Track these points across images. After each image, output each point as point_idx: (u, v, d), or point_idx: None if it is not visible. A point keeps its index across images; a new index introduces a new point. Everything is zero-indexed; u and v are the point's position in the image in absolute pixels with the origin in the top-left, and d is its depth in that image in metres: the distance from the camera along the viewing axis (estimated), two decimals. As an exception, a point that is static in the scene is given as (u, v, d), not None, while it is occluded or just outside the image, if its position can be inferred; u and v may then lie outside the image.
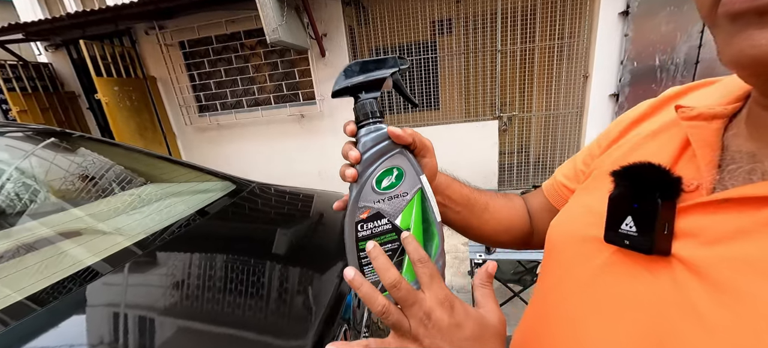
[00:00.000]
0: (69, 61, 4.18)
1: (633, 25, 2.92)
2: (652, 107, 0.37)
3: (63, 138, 1.35)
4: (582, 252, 0.32)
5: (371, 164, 0.33)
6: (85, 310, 0.68)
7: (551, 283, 0.36)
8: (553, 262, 0.37)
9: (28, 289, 0.68)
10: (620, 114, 2.16)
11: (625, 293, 0.27)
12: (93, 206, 1.17)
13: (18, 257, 0.82)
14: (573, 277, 0.33)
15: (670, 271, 0.24)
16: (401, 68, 0.36)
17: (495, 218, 0.50)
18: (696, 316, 0.22)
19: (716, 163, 0.26)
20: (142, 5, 3.00)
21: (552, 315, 0.35)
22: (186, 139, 4.26)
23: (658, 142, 0.32)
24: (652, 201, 0.26)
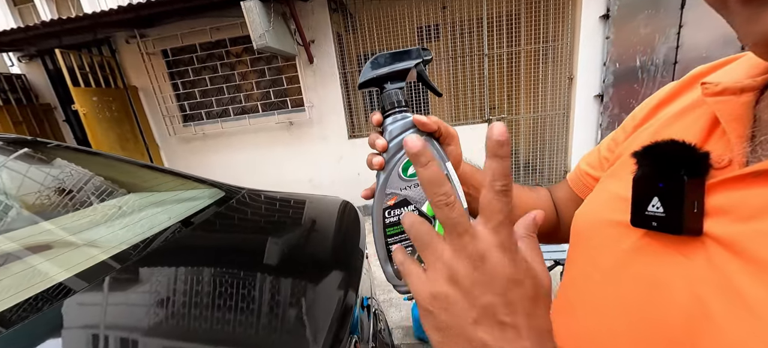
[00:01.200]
0: (44, 71, 4.02)
1: (613, 28, 3.01)
2: (679, 87, 0.36)
3: (37, 148, 1.26)
4: (608, 238, 0.31)
5: (397, 152, 0.33)
6: (55, 330, 0.61)
7: (576, 272, 0.35)
8: (579, 250, 0.35)
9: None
10: (605, 114, 2.22)
11: (656, 277, 0.26)
12: (67, 219, 1.09)
13: None
14: (599, 265, 0.31)
15: (705, 251, 0.23)
16: (425, 59, 0.36)
17: (521, 209, 0.49)
18: (736, 295, 0.20)
19: (748, 136, 0.25)
20: (122, 13, 2.91)
21: (578, 305, 0.33)
22: (170, 149, 4.13)
23: (685, 122, 0.31)
24: (677, 179, 0.25)
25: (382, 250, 0.34)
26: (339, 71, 3.51)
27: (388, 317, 2.12)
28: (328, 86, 3.56)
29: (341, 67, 3.54)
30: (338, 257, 1.00)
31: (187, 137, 3.99)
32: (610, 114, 3.24)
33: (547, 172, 3.72)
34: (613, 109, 3.22)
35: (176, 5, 2.88)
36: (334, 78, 3.53)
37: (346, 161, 3.82)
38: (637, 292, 0.27)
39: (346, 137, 3.73)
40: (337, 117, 3.66)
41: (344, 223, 1.22)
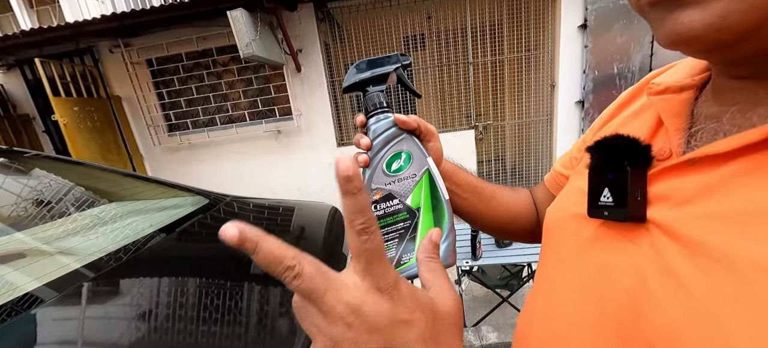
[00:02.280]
0: (23, 81, 3.91)
1: (591, 37, 3.13)
2: (636, 90, 0.39)
3: (13, 157, 1.23)
4: (570, 230, 0.33)
5: (381, 149, 0.36)
6: (20, 342, 0.58)
7: (546, 264, 0.37)
8: (548, 244, 0.37)
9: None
10: (586, 119, 2.30)
11: (608, 262, 0.28)
12: (43, 228, 1.05)
13: None
14: (563, 256, 0.33)
15: (649, 236, 0.25)
16: (403, 64, 0.39)
17: (502, 207, 0.51)
18: (672, 274, 0.22)
19: (685, 129, 0.27)
20: (106, 22, 2.88)
21: (544, 295, 0.35)
22: (154, 160, 4.05)
23: (638, 121, 0.33)
24: (622, 170, 0.27)
25: None
26: (327, 80, 3.53)
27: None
28: (316, 95, 3.58)
29: (329, 75, 3.57)
30: (328, 263, 1.00)
31: (173, 147, 3.92)
32: (591, 119, 3.34)
33: (533, 176, 3.79)
34: (594, 115, 3.32)
35: (161, 14, 2.86)
36: (322, 87, 3.54)
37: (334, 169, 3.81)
38: (592, 276, 0.29)
39: (334, 145, 3.74)
40: (326, 125, 3.67)
41: (334, 229, 1.22)
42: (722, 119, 0.25)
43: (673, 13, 0.20)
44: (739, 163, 0.21)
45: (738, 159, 0.21)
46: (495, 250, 1.92)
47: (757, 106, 0.22)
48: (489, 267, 2.10)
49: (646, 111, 0.33)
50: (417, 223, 0.35)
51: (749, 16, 0.18)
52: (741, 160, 0.21)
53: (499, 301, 1.90)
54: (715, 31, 0.19)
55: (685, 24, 0.20)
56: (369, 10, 3.38)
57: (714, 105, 0.26)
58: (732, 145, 0.21)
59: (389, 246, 0.35)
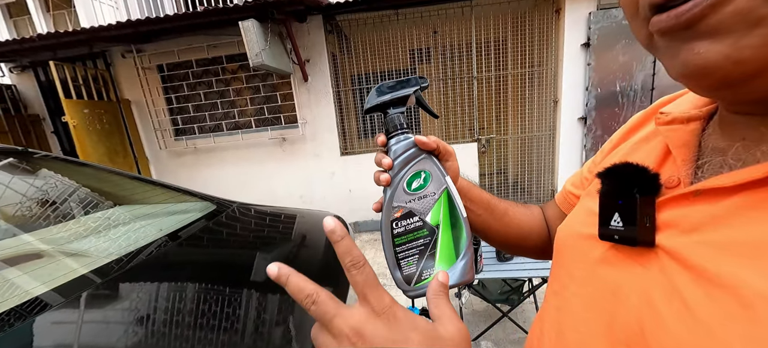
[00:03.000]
0: (35, 83, 4.00)
1: (594, 56, 3.18)
2: (645, 116, 0.40)
3: (22, 157, 1.26)
4: (581, 250, 0.34)
5: (402, 169, 0.37)
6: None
7: (556, 282, 0.38)
8: (558, 262, 0.38)
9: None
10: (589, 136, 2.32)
11: (617, 284, 0.29)
12: (49, 231, 1.07)
13: None
14: (573, 275, 0.34)
15: (658, 261, 0.26)
16: (422, 86, 0.40)
17: (515, 223, 0.52)
18: (679, 298, 0.23)
19: (693, 160, 0.28)
20: (121, 28, 2.96)
21: (555, 310, 0.36)
22: (160, 163, 4.09)
23: (647, 147, 0.35)
24: (631, 197, 0.28)
25: (391, 257, 0.37)
26: (333, 90, 3.59)
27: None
28: (321, 104, 3.63)
29: (335, 85, 3.62)
30: (328, 272, 1.01)
31: (179, 151, 3.97)
32: (594, 135, 3.36)
33: (535, 190, 3.80)
34: (596, 131, 3.35)
35: (175, 23, 2.94)
36: (327, 96, 3.60)
37: (337, 178, 3.84)
38: (602, 295, 0.30)
39: (338, 154, 3.77)
40: (330, 134, 3.71)
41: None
42: (728, 153, 0.26)
43: (688, 43, 0.20)
44: (743, 196, 0.22)
45: (742, 193, 0.22)
46: (496, 264, 1.91)
47: (762, 143, 0.24)
48: (490, 281, 2.10)
49: (655, 138, 0.34)
50: (436, 239, 0.37)
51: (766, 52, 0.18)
52: (745, 194, 0.22)
53: (499, 315, 1.89)
54: (733, 63, 0.19)
55: (702, 55, 0.20)
56: (376, 23, 3.45)
57: (720, 138, 0.27)
58: (736, 180, 0.22)
59: (409, 261, 0.36)
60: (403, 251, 0.36)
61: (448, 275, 0.34)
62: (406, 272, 0.36)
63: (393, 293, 0.33)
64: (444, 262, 0.36)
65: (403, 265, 0.37)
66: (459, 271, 0.36)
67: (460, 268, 0.36)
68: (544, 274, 1.80)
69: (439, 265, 0.36)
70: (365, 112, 0.41)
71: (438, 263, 0.36)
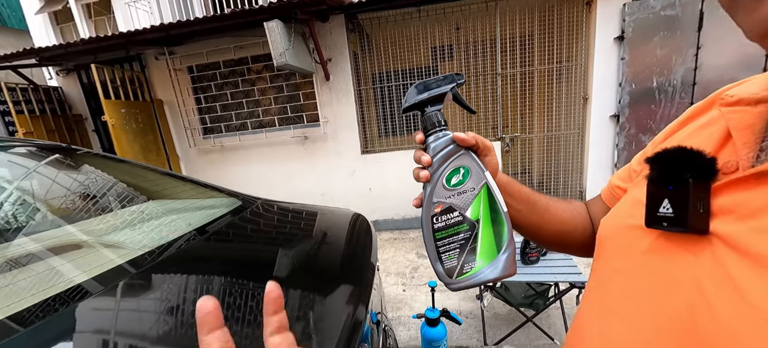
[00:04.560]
0: (78, 84, 4.29)
1: (628, 50, 3.01)
2: (706, 104, 0.38)
3: (67, 154, 1.34)
4: (626, 241, 0.33)
5: (441, 165, 0.38)
6: (68, 332, 0.63)
7: (600, 276, 0.37)
8: (601, 257, 0.37)
9: (10, 308, 0.63)
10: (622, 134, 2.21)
11: (667, 274, 0.27)
12: (89, 223, 1.13)
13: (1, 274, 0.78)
14: (619, 267, 0.33)
15: (711, 248, 0.25)
16: (459, 83, 0.41)
17: (557, 219, 0.50)
18: (733, 286, 0.22)
19: (755, 144, 0.26)
20: (155, 32, 3.11)
21: (597, 304, 0.35)
22: (189, 161, 4.28)
23: (705, 134, 0.32)
24: (684, 181, 0.26)
25: (432, 251, 0.38)
26: (354, 88, 3.61)
27: (396, 335, 2.09)
28: (343, 103, 3.66)
29: (356, 84, 3.64)
30: (349, 270, 1.01)
31: (206, 149, 4.13)
32: (627, 134, 3.18)
33: (561, 190, 3.65)
34: (630, 130, 3.17)
35: (205, 25, 3.06)
36: (349, 95, 3.62)
37: (358, 176, 3.86)
38: (650, 287, 0.28)
39: (359, 153, 3.79)
40: (351, 133, 3.74)
41: (356, 235, 1.23)
42: None
43: None
44: None
45: None
46: (520, 267, 1.85)
47: None
48: (513, 284, 2.03)
49: (715, 124, 0.32)
50: (477, 234, 0.37)
51: None
52: None
53: (523, 320, 1.83)
54: None
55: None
56: (398, 20, 3.44)
57: None
58: None
59: (451, 255, 0.37)
60: (445, 245, 0.37)
61: None
62: (448, 265, 0.37)
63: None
64: (485, 255, 0.37)
65: (445, 258, 0.37)
66: (502, 265, 0.36)
67: (503, 261, 0.37)
68: (572, 279, 1.72)
69: (480, 258, 0.37)
70: (403, 111, 0.41)
71: (479, 257, 0.37)
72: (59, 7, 4.55)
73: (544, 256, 1.95)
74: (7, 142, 1.28)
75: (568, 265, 1.85)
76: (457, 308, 2.21)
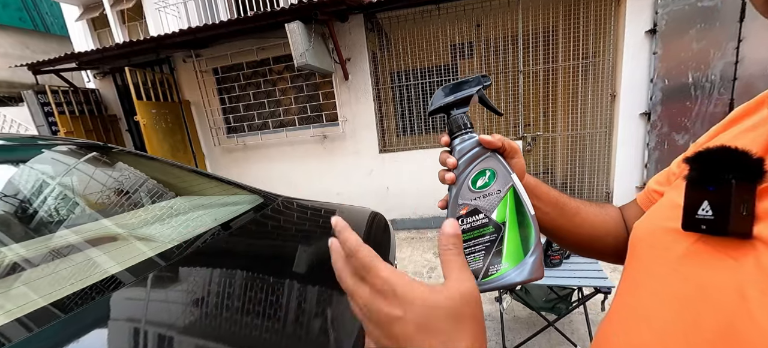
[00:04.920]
0: (114, 87, 4.54)
1: (661, 43, 2.85)
2: (754, 105, 0.35)
3: (103, 152, 1.43)
4: (661, 245, 0.31)
5: (466, 167, 0.38)
6: (103, 320, 0.67)
7: (630, 281, 0.35)
8: (633, 261, 0.36)
9: (53, 295, 0.69)
10: (653, 133, 2.10)
11: (705, 279, 0.26)
12: (124, 217, 1.20)
13: (46, 264, 0.84)
14: (653, 272, 0.32)
15: (754, 254, 0.23)
16: (485, 85, 0.41)
17: (588, 223, 0.49)
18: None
19: None
20: (183, 35, 3.25)
21: (628, 308, 0.34)
22: (214, 159, 4.44)
23: (753, 135, 0.31)
24: (726, 183, 0.25)
25: None
26: (372, 88, 3.62)
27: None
28: (361, 102, 3.68)
29: (375, 83, 3.65)
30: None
31: (230, 148, 4.28)
32: (659, 133, 3.02)
33: (586, 191, 3.52)
34: (662, 128, 3.00)
35: (230, 28, 3.16)
36: (367, 94, 3.64)
37: (375, 175, 3.88)
38: (687, 293, 0.27)
39: (377, 152, 3.80)
40: (369, 132, 3.76)
41: (374, 233, 1.24)
42: None
43: None
44: None
45: None
46: (542, 270, 1.80)
47: None
48: (534, 286, 1.98)
49: (765, 124, 0.30)
50: (503, 236, 0.37)
51: None
52: None
53: (543, 324, 1.77)
54: None
55: None
56: (417, 18, 3.42)
57: None
58: None
59: (476, 257, 0.37)
60: (470, 247, 0.37)
61: (457, 224, 0.33)
62: (473, 267, 0.37)
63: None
64: (511, 258, 0.36)
65: (470, 260, 0.37)
66: (529, 268, 0.36)
67: (530, 264, 0.36)
68: (597, 284, 1.66)
69: (506, 261, 0.36)
70: (429, 114, 0.42)
71: (505, 259, 0.36)
72: (97, 14, 4.84)
73: (567, 259, 1.88)
74: (51, 141, 1.37)
75: (593, 269, 1.78)
76: (476, 310, 2.17)
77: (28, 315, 0.62)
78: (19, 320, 0.61)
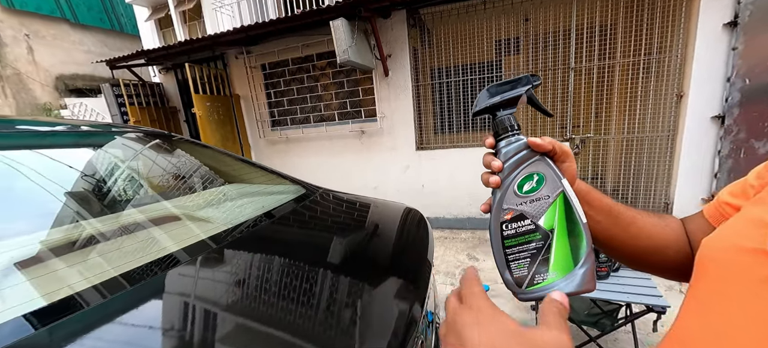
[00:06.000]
0: (175, 81, 4.98)
1: (743, 37, 2.50)
2: None
3: (165, 139, 1.57)
4: (740, 266, 0.28)
5: (513, 171, 0.37)
6: (160, 294, 0.74)
7: (696, 303, 0.32)
8: (702, 281, 0.32)
9: (122, 267, 0.77)
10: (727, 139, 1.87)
11: None
12: (180, 200, 1.31)
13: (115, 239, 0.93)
14: (727, 294, 0.29)
15: None
16: (534, 85, 0.39)
17: (644, 234, 0.45)
18: None
19: None
20: (236, 33, 3.47)
21: (693, 337, 0.31)
22: (259, 150, 4.70)
23: None
24: None
25: (501, 259, 0.37)
26: (412, 84, 3.60)
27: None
28: (400, 98, 3.68)
29: (415, 80, 3.63)
30: (396, 260, 1.02)
31: (273, 140, 4.50)
32: (734, 139, 2.66)
33: (641, 200, 3.21)
34: (739, 133, 2.64)
35: (279, 26, 3.33)
36: (406, 91, 3.63)
37: (411, 171, 3.87)
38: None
39: (413, 148, 3.78)
40: (407, 129, 3.75)
41: (413, 231, 1.24)
42: None
43: None
44: None
45: None
46: (587, 281, 1.68)
47: None
48: (575, 298, 1.86)
49: None
50: (551, 244, 0.35)
51: None
52: None
53: (585, 339, 1.66)
54: None
55: None
56: (461, 14, 3.33)
57: None
58: None
59: (520, 264, 0.35)
60: (514, 254, 0.36)
61: (565, 296, 0.31)
62: (517, 274, 0.36)
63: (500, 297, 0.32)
64: (559, 268, 0.34)
65: (514, 267, 0.36)
66: (579, 280, 0.34)
67: (580, 275, 0.34)
68: (649, 302, 1.52)
69: (553, 271, 0.34)
70: (473, 115, 0.40)
71: (552, 269, 0.35)
72: (163, 14, 5.32)
73: (616, 272, 1.74)
74: (122, 128, 1.54)
75: (645, 285, 1.63)
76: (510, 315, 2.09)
77: (103, 283, 0.71)
78: (96, 287, 0.70)
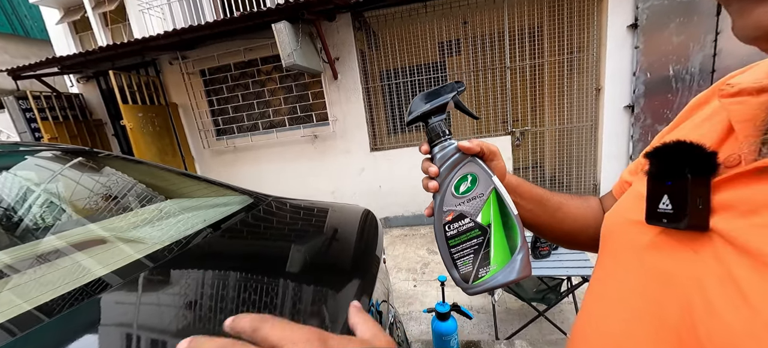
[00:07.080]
0: (98, 90, 4.44)
1: (643, 37, 2.92)
2: (710, 93, 0.36)
3: (89, 157, 1.40)
4: (628, 236, 0.32)
5: (448, 174, 0.39)
6: (91, 323, 0.66)
7: (602, 270, 0.36)
8: (603, 252, 0.37)
9: (37, 300, 0.67)
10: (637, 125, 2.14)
11: (667, 271, 0.27)
12: (111, 221, 1.18)
13: (31, 269, 0.82)
14: (620, 262, 0.33)
15: (712, 246, 0.24)
16: (459, 90, 0.42)
17: (570, 217, 0.50)
18: (734, 285, 0.22)
19: (758, 136, 0.25)
20: (168, 37, 3.19)
21: (600, 298, 0.35)
22: (204, 162, 4.39)
23: (708, 126, 0.31)
24: (682, 177, 0.26)
25: (447, 258, 0.39)
26: (362, 86, 3.62)
27: (407, 330, 2.11)
28: (351, 101, 3.68)
29: (364, 82, 3.66)
30: (354, 263, 1.02)
31: (220, 150, 4.23)
32: (642, 125, 3.10)
33: (574, 184, 3.59)
34: (646, 120, 3.08)
35: (215, 29, 3.12)
36: (357, 93, 3.64)
37: (367, 173, 3.89)
38: (651, 283, 0.28)
39: (368, 150, 3.81)
40: (360, 131, 3.76)
41: (363, 230, 1.25)
42: None
43: (760, 4, 0.20)
44: None
45: None
46: (532, 261, 1.84)
47: None
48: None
49: (718, 115, 0.31)
50: (489, 238, 0.38)
51: None
52: None
53: (534, 315, 1.81)
54: None
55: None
56: (405, 17, 3.43)
57: None
58: None
59: (465, 261, 0.38)
60: (458, 252, 0.38)
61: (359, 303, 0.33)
62: (463, 271, 0.38)
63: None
64: (499, 259, 0.37)
65: (460, 264, 0.38)
66: (516, 267, 0.37)
67: (517, 263, 0.37)
68: (584, 273, 1.70)
69: (494, 263, 0.37)
70: (407, 124, 0.42)
71: (493, 260, 0.37)
72: (78, 17, 4.72)
73: (556, 250, 1.92)
74: (34, 147, 1.35)
75: (580, 259, 1.83)
76: (468, 303, 2.20)
77: (12, 320, 0.62)
78: (2, 325, 0.60)
